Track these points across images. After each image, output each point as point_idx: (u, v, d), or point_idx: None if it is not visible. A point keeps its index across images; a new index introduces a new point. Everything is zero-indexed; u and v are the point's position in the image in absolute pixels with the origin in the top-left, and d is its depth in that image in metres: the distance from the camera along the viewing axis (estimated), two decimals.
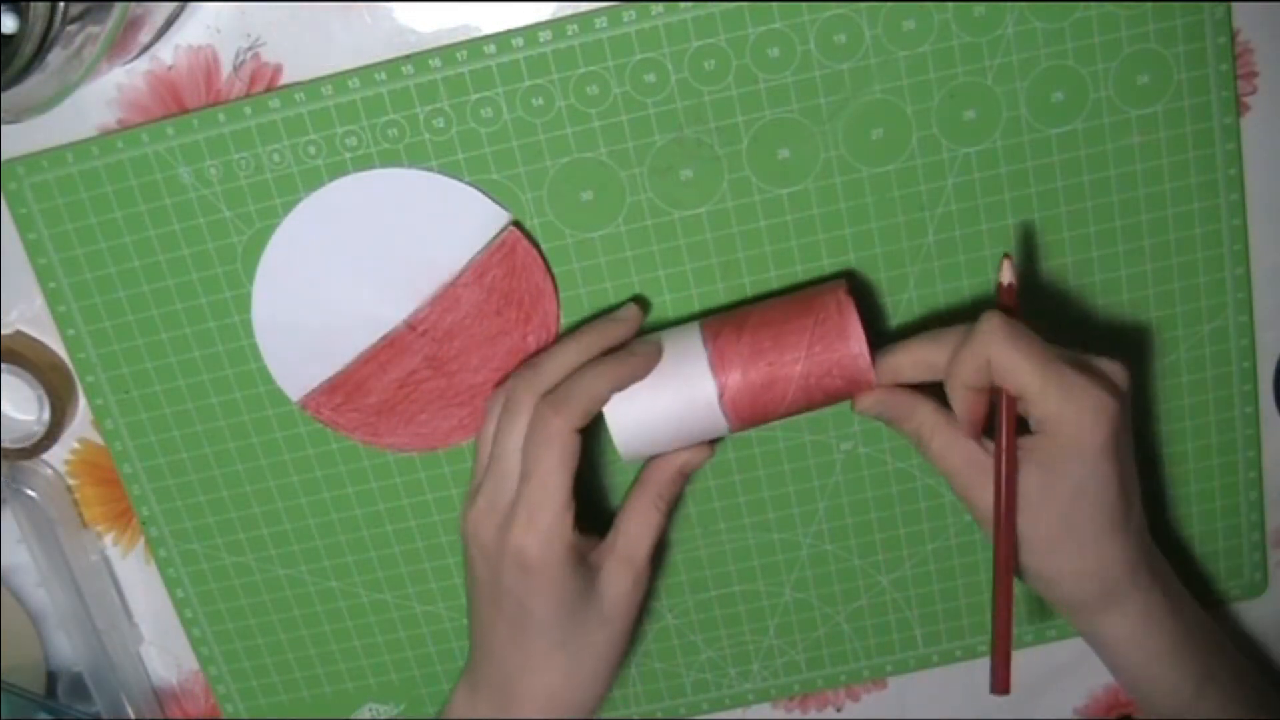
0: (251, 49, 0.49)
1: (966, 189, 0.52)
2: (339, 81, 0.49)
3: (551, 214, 0.52)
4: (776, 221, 0.52)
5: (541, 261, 0.52)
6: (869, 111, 0.50)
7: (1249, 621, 0.60)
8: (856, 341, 0.48)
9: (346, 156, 0.50)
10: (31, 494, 0.55)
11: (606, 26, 0.49)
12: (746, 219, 0.52)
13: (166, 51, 0.49)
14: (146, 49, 0.49)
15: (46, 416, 0.54)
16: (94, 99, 0.50)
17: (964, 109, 0.50)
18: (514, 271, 0.52)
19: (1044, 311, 0.53)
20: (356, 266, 0.52)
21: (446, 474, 0.55)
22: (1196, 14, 0.49)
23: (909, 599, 0.58)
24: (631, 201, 0.51)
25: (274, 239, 0.51)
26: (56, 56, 0.40)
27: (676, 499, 0.54)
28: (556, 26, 0.49)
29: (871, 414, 0.50)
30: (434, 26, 0.49)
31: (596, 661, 0.50)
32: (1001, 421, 0.47)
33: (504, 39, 0.49)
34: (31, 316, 0.54)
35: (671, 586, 0.58)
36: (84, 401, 0.55)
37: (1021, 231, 0.52)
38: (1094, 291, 0.53)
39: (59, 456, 0.56)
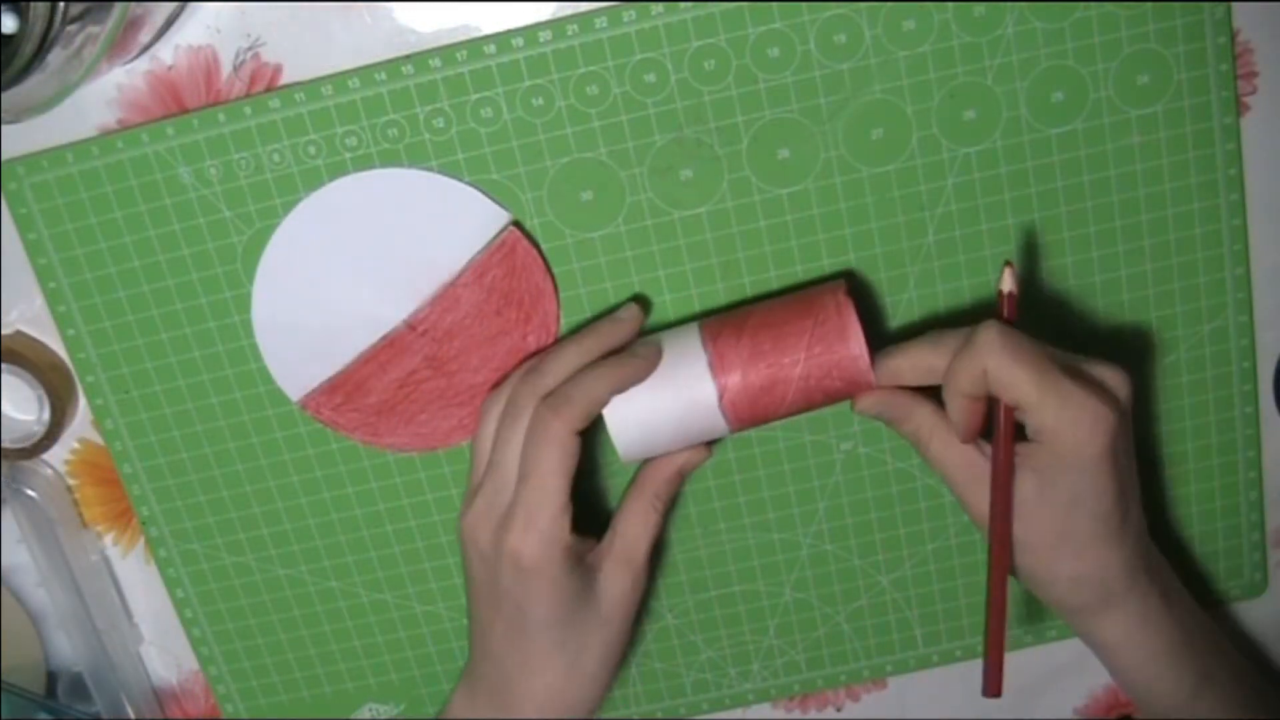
0: (251, 49, 0.49)
1: (966, 189, 0.52)
2: (339, 81, 0.49)
3: (551, 214, 0.52)
4: (776, 221, 0.52)
5: (541, 261, 0.52)
6: (869, 111, 0.50)
7: (1249, 621, 0.59)
8: (856, 343, 0.48)
9: (346, 156, 0.50)
10: (31, 494, 0.55)
11: (606, 26, 0.49)
12: (746, 219, 0.52)
13: (166, 51, 0.49)
14: (146, 49, 0.49)
15: (46, 416, 0.54)
16: (94, 99, 0.50)
17: (964, 109, 0.50)
18: (514, 271, 0.52)
19: (1044, 312, 0.53)
20: (356, 266, 0.52)
21: (446, 474, 0.55)
22: (1196, 14, 0.49)
23: (909, 599, 0.58)
24: (631, 201, 0.51)
25: (274, 239, 0.51)
26: (56, 56, 0.40)
27: (674, 499, 0.54)
28: (556, 26, 0.49)
29: (871, 414, 0.50)
30: (434, 26, 0.49)
31: (595, 662, 0.50)
32: (998, 431, 0.47)
33: (504, 39, 0.49)
34: (31, 316, 0.54)
35: (671, 586, 0.58)
36: (84, 401, 0.55)
37: (1022, 234, 0.52)
38: (1094, 291, 0.53)
39: (59, 456, 0.56)
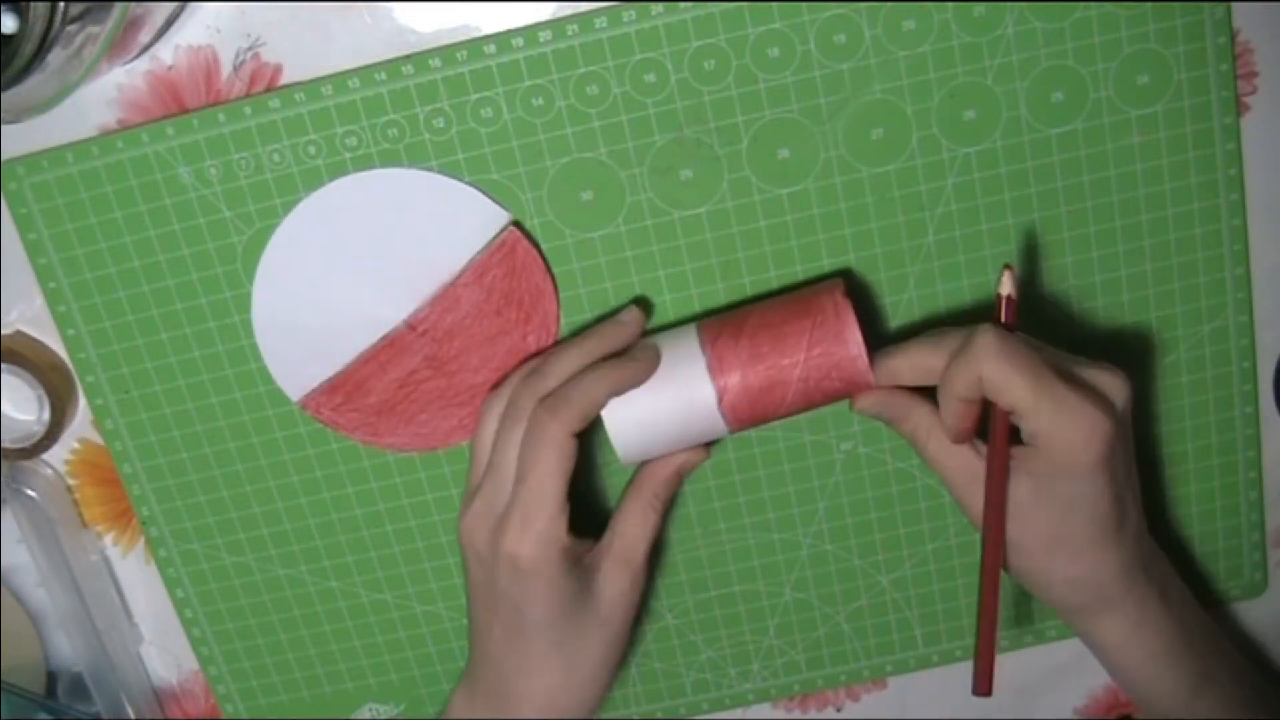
0: (251, 49, 0.49)
1: (966, 189, 0.52)
2: (339, 81, 0.49)
3: (551, 214, 0.51)
4: (776, 221, 0.52)
5: (541, 261, 0.52)
6: (869, 111, 0.50)
7: (1249, 621, 0.59)
8: (855, 344, 0.48)
9: (346, 156, 0.50)
10: (31, 494, 0.55)
11: (606, 26, 0.49)
12: (746, 219, 0.52)
13: (166, 51, 0.49)
14: (146, 49, 0.49)
15: (46, 416, 0.54)
16: (94, 99, 0.50)
17: (964, 109, 0.50)
18: (514, 271, 0.52)
19: (1043, 313, 0.53)
20: (356, 266, 0.52)
21: (446, 474, 0.55)
22: (1196, 14, 0.49)
23: (909, 599, 0.58)
24: (631, 201, 0.51)
25: (274, 239, 0.51)
26: (56, 56, 0.40)
27: (673, 499, 0.54)
28: (556, 26, 0.49)
29: (869, 414, 0.50)
30: (434, 26, 0.49)
31: (594, 663, 0.50)
32: (994, 434, 0.47)
33: (504, 39, 0.49)
34: (31, 316, 0.54)
35: (671, 586, 0.58)
36: (84, 401, 0.55)
37: (1022, 234, 0.52)
38: (1094, 291, 0.53)
39: (59, 456, 0.56)
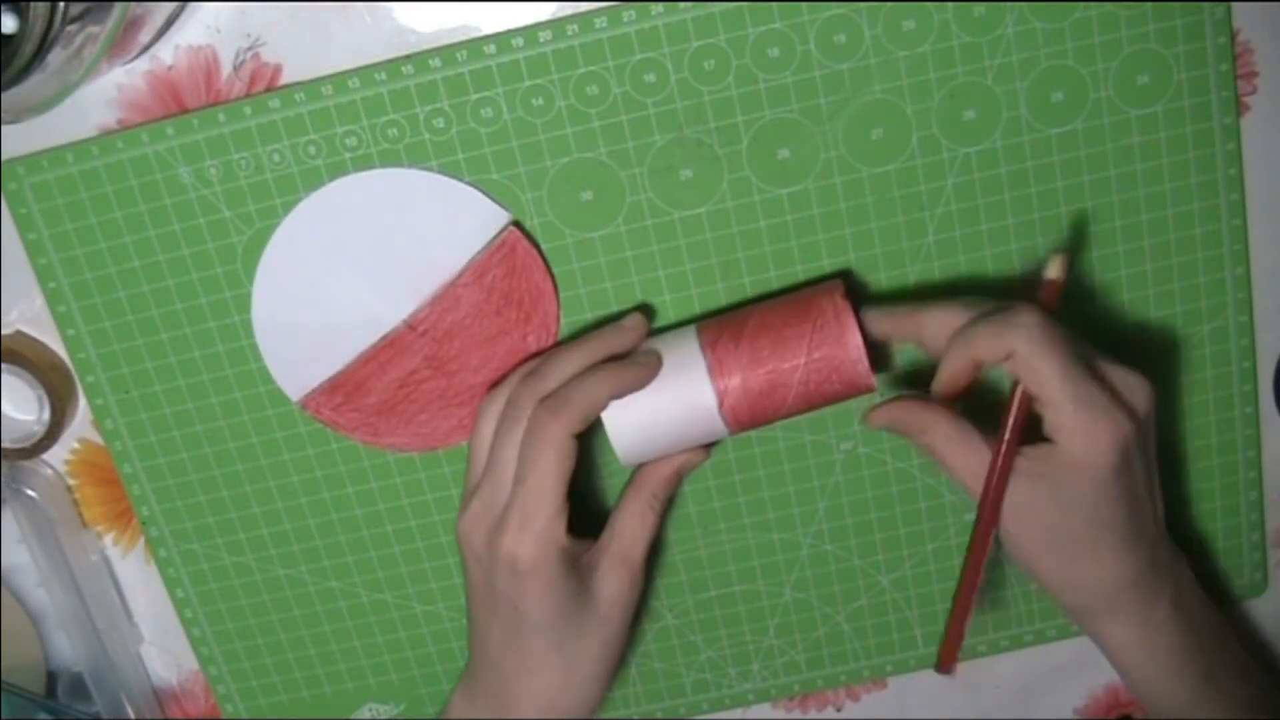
0: (251, 49, 0.49)
1: (966, 189, 0.52)
2: (339, 81, 0.49)
3: (551, 214, 0.51)
4: (776, 221, 0.52)
5: (541, 261, 0.52)
6: (869, 111, 0.50)
7: (1249, 621, 0.59)
8: (855, 348, 0.48)
9: (346, 156, 0.50)
10: (31, 494, 0.55)
11: (606, 26, 0.49)
12: (746, 219, 0.52)
13: (166, 51, 0.49)
14: (146, 49, 0.49)
15: (46, 416, 0.54)
16: (94, 99, 0.50)
17: (964, 109, 0.50)
18: (514, 271, 0.52)
19: None
20: (356, 266, 0.52)
21: (446, 474, 0.55)
22: (1196, 14, 0.49)
23: (909, 599, 0.58)
24: (631, 201, 0.51)
25: (274, 239, 0.51)
26: (56, 56, 0.40)
27: (672, 499, 0.54)
28: (556, 26, 0.49)
29: (884, 428, 0.50)
30: (434, 26, 0.49)
31: (593, 663, 0.50)
32: (1010, 411, 0.46)
33: (504, 39, 0.49)
34: (31, 316, 0.54)
35: (671, 586, 0.58)
36: (84, 401, 0.55)
37: (1023, 234, 0.52)
38: (1094, 292, 0.53)
39: (59, 456, 0.56)
